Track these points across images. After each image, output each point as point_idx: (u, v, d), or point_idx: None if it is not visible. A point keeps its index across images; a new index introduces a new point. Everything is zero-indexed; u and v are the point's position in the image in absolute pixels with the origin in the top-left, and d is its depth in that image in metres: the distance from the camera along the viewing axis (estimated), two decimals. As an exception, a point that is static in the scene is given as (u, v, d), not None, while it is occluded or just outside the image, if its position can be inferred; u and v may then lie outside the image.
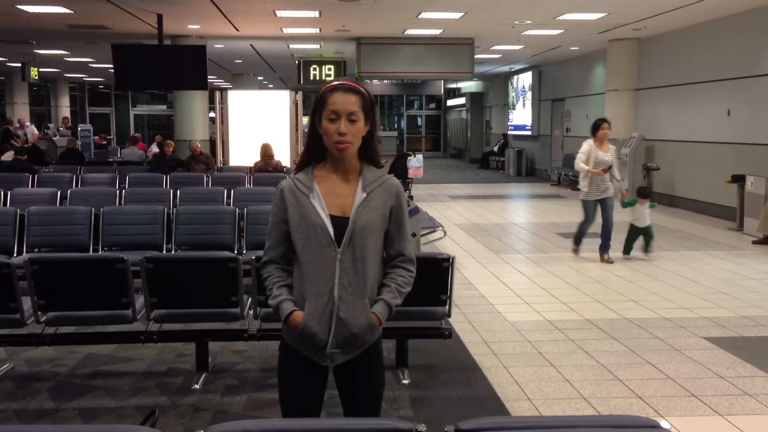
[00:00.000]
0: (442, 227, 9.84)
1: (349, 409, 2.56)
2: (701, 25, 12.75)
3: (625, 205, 8.90)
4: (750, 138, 11.43)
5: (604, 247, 8.67)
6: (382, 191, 2.47)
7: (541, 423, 2.05)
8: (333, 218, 2.42)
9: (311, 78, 16.78)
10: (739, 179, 10.71)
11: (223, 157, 14.01)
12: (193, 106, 15.18)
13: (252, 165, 11.20)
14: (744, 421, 4.08)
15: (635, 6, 11.23)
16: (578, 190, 8.94)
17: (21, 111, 23.37)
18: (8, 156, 12.30)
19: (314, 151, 2.49)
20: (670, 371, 4.87)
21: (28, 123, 20.19)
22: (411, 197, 12.82)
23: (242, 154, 13.20)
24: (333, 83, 2.45)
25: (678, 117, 13.70)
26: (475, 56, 15.91)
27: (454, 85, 30.98)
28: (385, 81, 22.85)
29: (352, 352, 2.46)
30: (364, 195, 2.44)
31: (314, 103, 2.46)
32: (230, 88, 20.04)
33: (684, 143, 13.48)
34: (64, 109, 27.32)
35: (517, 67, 22.21)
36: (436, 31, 14.31)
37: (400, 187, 2.53)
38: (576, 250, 8.99)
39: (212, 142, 15.80)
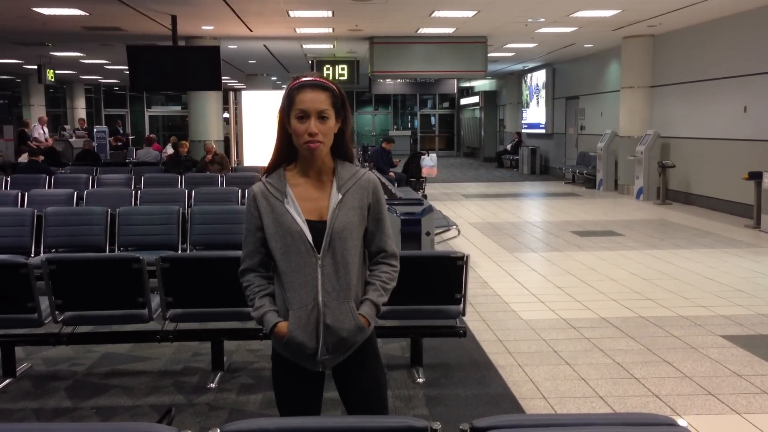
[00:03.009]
0: (456, 226, 9.81)
1: (352, 412, 2.46)
2: (717, 21, 12.64)
3: None
4: (767, 134, 11.32)
5: None
6: (358, 189, 2.37)
7: (556, 421, 2.04)
8: (310, 223, 2.33)
9: (325, 78, 16.78)
10: (756, 176, 10.61)
11: (237, 158, 14.06)
12: (208, 106, 15.23)
13: (266, 165, 11.21)
14: (762, 419, 4.04)
15: (650, 2, 11.16)
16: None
17: (37, 113, 23.55)
18: (24, 158, 12.43)
19: (284, 152, 2.40)
20: (687, 369, 4.84)
21: (35, 124, 20.34)
22: (425, 196, 12.83)
23: (256, 154, 13.22)
24: (301, 79, 2.35)
25: (694, 114, 13.60)
26: (489, 55, 15.87)
27: (467, 84, 30.90)
28: (398, 80, 22.81)
29: (343, 355, 2.40)
30: (340, 196, 2.34)
31: (282, 101, 2.37)
32: (244, 89, 20.12)
33: (700, 140, 13.37)
34: (80, 110, 27.52)
35: (531, 65, 22.13)
36: (449, 30, 14.28)
37: (377, 183, 2.43)
38: None
39: (226, 143, 15.86)
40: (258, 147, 13.21)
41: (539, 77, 22.37)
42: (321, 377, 2.44)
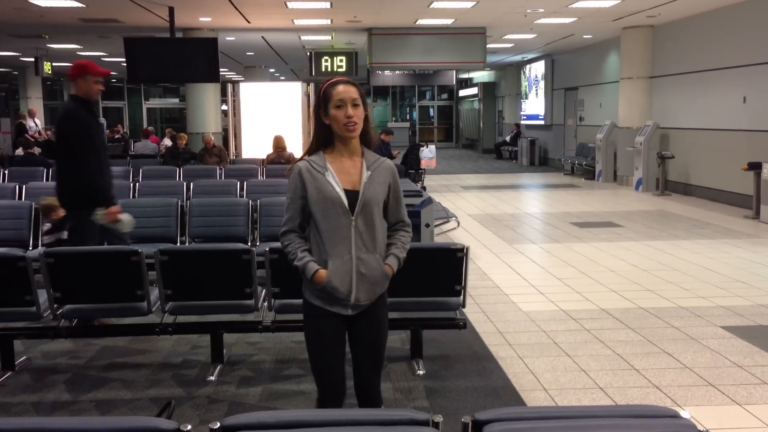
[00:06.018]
0: (456, 218, 9.82)
1: (362, 350, 3.02)
2: (716, 11, 12.60)
3: None
4: (766, 125, 11.30)
5: None
6: (382, 170, 2.99)
7: (559, 413, 2.03)
8: (345, 192, 2.90)
9: (323, 70, 16.76)
10: (755, 167, 10.59)
11: (235, 150, 14.03)
12: (206, 98, 15.19)
13: (264, 157, 11.21)
14: (763, 410, 4.04)
15: (649, -7, 11.12)
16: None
17: (34, 105, 23.49)
18: (20, 151, 12.41)
19: (321, 138, 2.97)
20: (687, 360, 4.84)
21: (28, 117, 20.27)
22: (424, 188, 12.81)
23: (255, 146, 13.21)
24: (332, 80, 2.97)
25: (693, 104, 13.57)
26: (487, 46, 15.81)
27: (466, 75, 30.84)
28: (397, 72, 22.74)
29: (371, 297, 2.96)
30: (369, 173, 2.94)
31: (317, 99, 2.97)
32: (242, 81, 20.06)
33: (699, 131, 13.35)
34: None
35: (530, 56, 22.07)
36: (448, 21, 14.23)
37: (394, 168, 3.08)
38: None
39: (225, 135, 15.83)
40: (256, 139, 13.20)
41: (538, 68, 22.32)
42: (343, 322, 2.98)
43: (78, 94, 5.33)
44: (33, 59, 18.48)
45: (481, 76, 29.26)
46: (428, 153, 14.86)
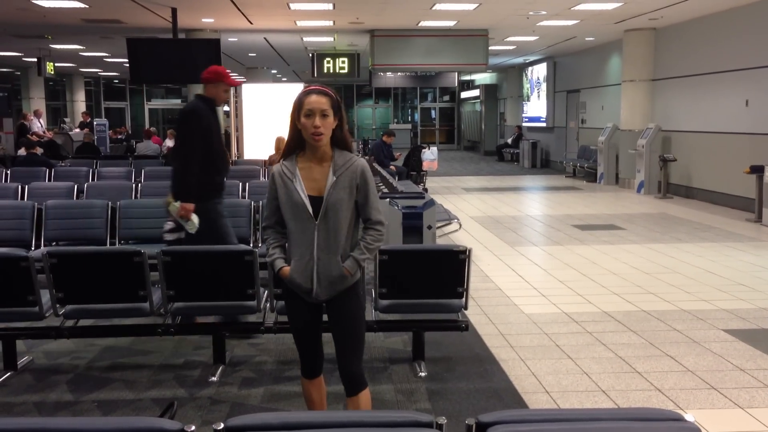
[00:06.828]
0: (458, 220, 9.79)
1: (338, 334, 3.24)
2: (719, 14, 12.60)
3: None
4: (769, 128, 11.30)
5: None
6: (349, 173, 3.12)
7: (562, 416, 2.03)
8: (311, 198, 3.11)
9: (325, 71, 16.75)
10: (757, 170, 10.59)
11: (237, 151, 14.04)
12: (208, 99, 15.16)
13: (267, 158, 11.21)
14: (765, 413, 4.03)
15: (652, -5, 11.11)
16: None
17: (37, 106, 23.51)
18: (23, 151, 12.41)
19: (294, 143, 3.17)
20: (690, 364, 4.83)
21: (32, 117, 20.29)
22: (426, 190, 12.81)
23: (257, 147, 13.21)
24: (308, 88, 3.13)
25: (695, 107, 13.56)
26: (490, 48, 15.81)
27: (468, 77, 30.83)
28: (399, 73, 22.73)
29: (332, 294, 3.18)
30: (334, 178, 3.11)
31: (293, 106, 3.11)
32: (244, 82, 20.06)
33: (701, 134, 13.35)
34: (80, 103, 27.46)
35: (532, 58, 22.07)
36: (450, 23, 14.24)
37: (365, 167, 3.18)
38: None
39: (227, 136, 15.83)
40: (258, 140, 13.20)
41: (540, 70, 22.32)
42: (318, 305, 3.27)
43: (207, 95, 5.45)
44: (36, 60, 18.49)
45: (483, 78, 29.25)
46: (430, 155, 14.87)
